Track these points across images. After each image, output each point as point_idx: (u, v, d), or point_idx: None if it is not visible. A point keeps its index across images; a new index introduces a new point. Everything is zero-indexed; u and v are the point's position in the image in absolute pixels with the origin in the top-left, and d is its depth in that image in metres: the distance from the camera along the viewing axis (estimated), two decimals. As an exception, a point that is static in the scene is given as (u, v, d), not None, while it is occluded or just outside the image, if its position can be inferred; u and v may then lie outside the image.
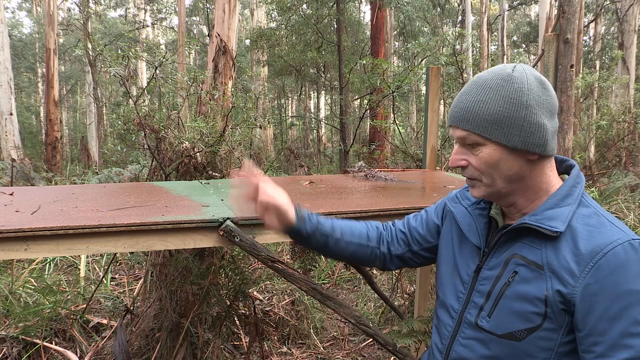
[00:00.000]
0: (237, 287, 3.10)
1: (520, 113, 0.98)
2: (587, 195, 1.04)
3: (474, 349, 1.07)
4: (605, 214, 1.01)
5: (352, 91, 11.24)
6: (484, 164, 1.03)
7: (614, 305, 0.90)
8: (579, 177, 1.06)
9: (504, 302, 1.02)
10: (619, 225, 0.98)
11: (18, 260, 4.80)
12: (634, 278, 0.90)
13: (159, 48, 20.82)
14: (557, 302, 0.96)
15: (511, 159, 1.01)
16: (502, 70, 1.02)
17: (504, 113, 0.99)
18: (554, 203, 1.02)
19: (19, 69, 25.45)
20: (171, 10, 22.62)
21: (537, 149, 1.00)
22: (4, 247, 1.46)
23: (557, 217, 0.99)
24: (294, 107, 26.35)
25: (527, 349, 1.00)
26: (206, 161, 3.20)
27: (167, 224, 1.60)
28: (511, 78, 1.00)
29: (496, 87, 1.00)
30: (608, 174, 8.10)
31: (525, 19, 25.43)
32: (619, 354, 0.90)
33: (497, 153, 1.01)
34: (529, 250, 1.02)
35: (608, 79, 9.85)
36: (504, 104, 0.99)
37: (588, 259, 0.93)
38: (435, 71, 2.70)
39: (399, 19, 16.74)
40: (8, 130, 10.72)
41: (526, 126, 0.99)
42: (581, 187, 1.04)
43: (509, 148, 1.00)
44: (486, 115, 1.00)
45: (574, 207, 1.00)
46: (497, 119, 0.99)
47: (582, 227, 0.98)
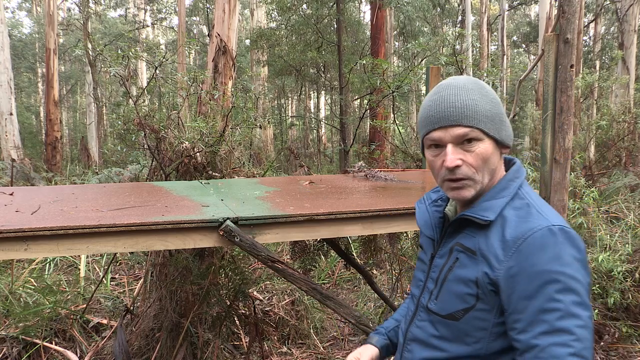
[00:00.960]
0: (237, 287, 3.10)
1: (501, 110, 1.12)
2: (526, 188, 1.14)
3: (425, 330, 1.18)
4: (537, 205, 1.08)
5: (352, 91, 11.23)
6: (480, 159, 1.09)
7: (531, 284, 0.99)
8: (518, 172, 1.15)
9: (447, 286, 1.13)
10: (545, 213, 1.06)
11: (18, 260, 4.80)
12: (549, 259, 0.98)
13: (159, 48, 20.82)
14: (486, 284, 1.05)
15: (496, 153, 1.12)
16: (465, 79, 1.13)
17: (493, 110, 1.10)
18: (491, 196, 1.11)
19: (19, 69, 25.44)
20: (171, 10, 22.62)
21: (511, 143, 1.14)
22: (4, 247, 1.46)
23: (491, 208, 1.09)
24: (294, 107, 26.34)
25: (465, 328, 1.10)
26: (206, 161, 3.20)
27: (167, 224, 1.60)
28: (482, 83, 1.13)
29: (478, 90, 1.10)
30: (608, 174, 8.09)
31: (525, 19, 25.43)
32: (536, 328, 0.98)
33: (490, 147, 1.10)
34: (467, 238, 1.12)
35: (608, 79, 9.83)
36: (490, 103, 1.10)
37: (512, 244, 1.03)
38: (435, 71, 2.70)
39: (399, 19, 16.74)
40: (8, 130, 10.72)
41: (506, 121, 1.13)
42: (519, 181, 1.13)
43: (498, 142, 1.11)
44: (484, 112, 1.08)
45: (508, 199, 1.10)
46: (491, 115, 1.09)
47: (512, 217, 1.07)
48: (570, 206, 4.55)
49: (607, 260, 3.83)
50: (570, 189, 4.57)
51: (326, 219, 1.81)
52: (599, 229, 4.63)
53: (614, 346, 3.55)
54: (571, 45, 1.98)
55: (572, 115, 2.03)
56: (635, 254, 4.05)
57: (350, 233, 1.97)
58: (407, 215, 1.92)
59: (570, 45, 1.98)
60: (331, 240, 3.06)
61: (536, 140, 10.46)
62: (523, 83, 3.21)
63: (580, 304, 0.97)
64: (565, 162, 2.05)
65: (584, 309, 0.98)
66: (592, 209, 4.71)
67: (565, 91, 2.00)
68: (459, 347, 1.11)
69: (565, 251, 0.99)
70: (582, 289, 0.98)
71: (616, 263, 3.80)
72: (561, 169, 2.05)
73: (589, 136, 8.68)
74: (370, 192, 2.35)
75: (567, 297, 0.97)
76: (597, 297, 3.89)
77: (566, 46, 1.98)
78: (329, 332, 3.85)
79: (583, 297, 0.98)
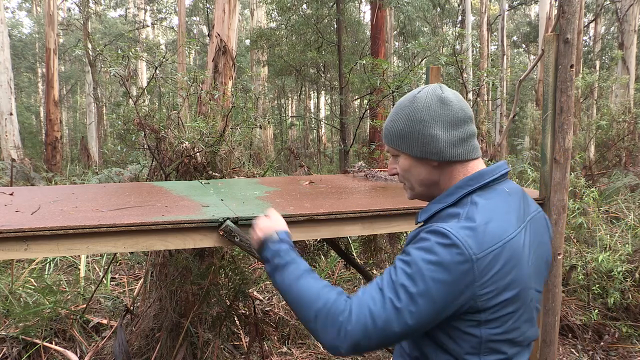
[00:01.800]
0: (237, 287, 3.10)
1: (416, 127, 1.18)
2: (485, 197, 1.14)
3: None
4: (465, 214, 1.10)
5: (352, 91, 11.24)
6: (402, 171, 1.25)
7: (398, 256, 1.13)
8: (471, 181, 1.17)
9: None
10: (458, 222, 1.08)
11: (18, 260, 4.80)
12: (419, 247, 1.07)
13: (159, 48, 20.82)
14: None
15: (419, 165, 1.21)
16: (412, 93, 1.22)
17: (405, 129, 1.20)
18: (437, 200, 1.21)
19: (19, 69, 25.44)
20: (171, 10, 22.62)
21: (433, 157, 1.18)
22: (4, 247, 1.46)
23: (427, 211, 1.21)
24: (294, 107, 26.35)
25: None
26: (206, 161, 3.20)
27: (167, 224, 1.60)
28: (414, 99, 1.20)
29: (403, 108, 1.21)
30: (608, 174, 8.09)
31: (525, 19, 25.42)
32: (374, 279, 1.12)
33: (407, 162, 1.22)
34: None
35: (608, 79, 9.84)
36: (405, 121, 1.20)
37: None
38: (435, 71, 2.70)
39: (399, 19, 16.74)
40: (8, 130, 10.72)
41: (421, 138, 1.18)
42: (471, 188, 1.16)
43: (413, 157, 1.21)
44: (396, 132, 1.22)
45: (447, 204, 1.17)
46: (402, 134, 1.20)
47: (436, 220, 1.16)
48: (570, 206, 4.55)
49: (607, 260, 3.83)
50: (570, 189, 4.57)
51: (326, 219, 1.81)
52: (599, 229, 4.63)
53: (614, 346, 3.55)
54: (571, 45, 1.98)
55: (572, 115, 2.03)
56: (635, 254, 4.05)
57: (350, 233, 1.97)
58: (407, 215, 1.92)
59: (570, 45, 1.98)
60: (331, 240, 3.07)
61: (536, 140, 10.46)
62: (523, 83, 3.21)
63: (407, 289, 1.03)
64: (565, 162, 2.05)
65: (406, 297, 1.03)
66: (592, 209, 4.71)
67: (565, 91, 2.00)
68: None
69: (433, 250, 1.04)
70: (420, 282, 1.03)
71: (616, 263, 3.80)
72: (561, 169, 2.05)
73: (589, 136, 8.68)
74: (370, 192, 2.35)
75: (403, 274, 1.05)
76: (597, 297, 3.89)
77: (566, 46, 1.98)
78: (329, 332, 3.85)
79: (415, 289, 1.02)
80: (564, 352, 3.53)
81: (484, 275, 1.03)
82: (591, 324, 3.70)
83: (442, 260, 1.02)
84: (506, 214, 1.12)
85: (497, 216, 1.10)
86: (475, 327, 1.07)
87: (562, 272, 2.45)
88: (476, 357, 1.09)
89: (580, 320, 3.71)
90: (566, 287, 4.02)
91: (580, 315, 3.76)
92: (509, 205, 1.14)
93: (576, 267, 4.02)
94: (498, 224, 1.08)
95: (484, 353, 1.09)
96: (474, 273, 1.02)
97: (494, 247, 1.05)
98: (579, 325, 3.69)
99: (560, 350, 3.54)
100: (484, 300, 1.04)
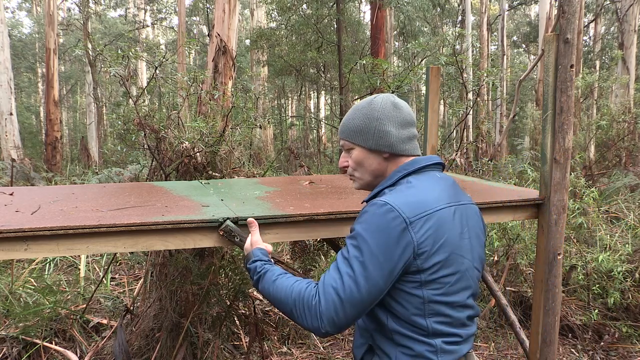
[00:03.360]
0: (237, 287, 3.10)
1: (372, 124, 1.40)
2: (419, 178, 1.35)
3: None
4: (399, 189, 1.31)
5: (352, 91, 11.24)
6: (355, 162, 1.44)
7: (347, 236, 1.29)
8: (408, 165, 1.38)
9: None
10: (395, 194, 1.28)
11: (18, 260, 4.80)
12: (360, 220, 1.26)
13: (159, 48, 20.82)
14: None
15: (371, 157, 1.41)
16: (369, 98, 1.45)
17: (362, 125, 1.41)
18: (377, 186, 1.41)
19: (19, 69, 25.43)
20: (171, 10, 22.61)
21: (386, 149, 1.39)
22: (4, 247, 1.46)
23: (370, 194, 1.42)
24: (294, 107, 26.34)
25: None
26: (206, 161, 3.20)
27: (167, 224, 1.60)
28: (372, 102, 1.42)
29: (361, 109, 1.43)
30: (608, 174, 8.09)
31: (525, 19, 25.42)
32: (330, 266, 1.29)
33: (362, 154, 1.42)
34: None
35: (608, 79, 9.84)
36: (363, 119, 1.41)
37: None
38: (435, 71, 2.70)
39: (399, 19, 16.73)
40: (8, 130, 10.72)
41: (376, 133, 1.39)
42: (405, 172, 1.36)
43: (367, 149, 1.41)
44: (353, 127, 1.42)
45: (384, 187, 1.37)
46: (359, 129, 1.41)
47: (377, 199, 1.30)
48: (570, 206, 4.55)
49: (607, 260, 3.83)
50: (570, 189, 4.57)
51: (326, 219, 1.81)
52: (599, 229, 4.63)
53: (614, 346, 3.55)
54: (571, 45, 1.98)
55: (572, 115, 2.03)
56: (635, 254, 4.05)
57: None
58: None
59: (570, 45, 1.98)
60: (331, 240, 3.06)
61: (536, 140, 10.46)
62: (523, 83, 3.21)
63: (358, 260, 1.21)
64: (565, 162, 2.04)
65: (359, 265, 1.20)
66: (592, 209, 4.71)
67: (565, 91, 2.00)
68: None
69: (373, 219, 1.23)
70: (366, 250, 1.20)
71: (616, 263, 3.80)
72: (561, 169, 2.05)
73: (589, 136, 8.68)
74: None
75: (353, 251, 1.23)
76: (597, 297, 3.89)
77: (566, 46, 1.98)
78: (329, 332, 3.85)
79: (364, 256, 1.20)
80: (564, 352, 3.53)
81: (419, 236, 1.21)
82: (591, 324, 3.70)
83: (380, 224, 1.21)
84: (435, 191, 1.32)
85: (427, 191, 1.30)
86: (418, 288, 1.24)
87: (562, 272, 2.45)
88: (422, 319, 1.26)
89: (580, 320, 3.71)
90: (566, 287, 4.02)
91: (580, 315, 3.76)
92: (439, 185, 1.35)
93: (576, 267, 4.02)
94: (428, 196, 1.29)
95: (428, 315, 1.26)
96: (410, 233, 1.20)
97: (425, 213, 1.24)
98: (579, 325, 3.69)
99: (560, 350, 3.54)
100: (422, 259, 1.22)
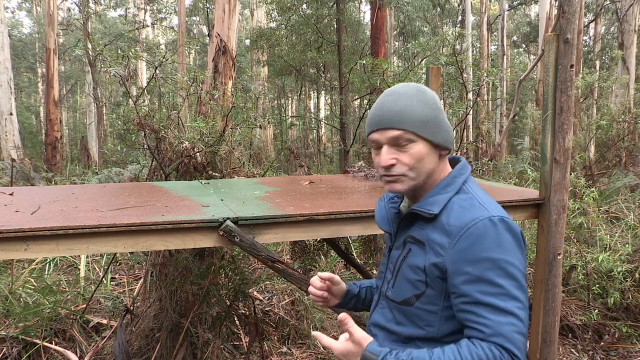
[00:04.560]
0: (237, 287, 3.10)
1: (439, 115, 1.20)
2: (471, 183, 1.23)
3: (384, 315, 1.29)
4: (480, 198, 1.18)
5: (352, 91, 11.23)
6: (414, 159, 1.18)
7: (475, 270, 1.09)
8: (463, 170, 1.24)
9: (400, 274, 1.24)
10: (487, 205, 1.15)
11: (18, 260, 4.79)
12: (489, 247, 1.08)
13: (159, 48, 20.82)
14: (432, 271, 1.15)
15: (433, 154, 1.20)
16: (411, 85, 1.22)
17: (429, 115, 1.18)
18: (436, 191, 1.21)
19: (19, 69, 25.43)
20: (171, 10, 22.61)
21: (450, 145, 1.22)
22: (4, 247, 1.46)
23: (435, 203, 1.18)
24: (294, 107, 26.34)
25: (417, 313, 1.20)
26: (206, 161, 3.20)
27: (167, 224, 1.60)
28: (423, 89, 1.21)
29: (416, 96, 1.19)
30: (608, 174, 8.09)
31: (525, 19, 25.41)
32: (481, 309, 1.08)
33: (425, 149, 1.18)
34: (417, 231, 1.21)
35: (608, 79, 9.84)
36: (427, 108, 1.18)
37: (456, 233, 1.12)
38: (435, 71, 2.70)
39: (399, 19, 16.73)
40: (8, 130, 10.71)
41: (444, 126, 1.20)
42: (464, 177, 1.22)
43: (433, 144, 1.19)
44: (417, 117, 1.17)
45: (452, 193, 1.19)
46: (425, 120, 1.17)
47: (456, 209, 1.16)
48: (570, 206, 4.55)
49: (607, 260, 3.83)
50: (570, 189, 4.57)
51: (326, 219, 1.81)
52: (599, 229, 4.63)
53: (614, 346, 3.55)
54: (571, 45, 1.98)
55: (572, 115, 2.03)
56: (635, 254, 4.05)
57: (350, 233, 1.97)
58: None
59: (570, 45, 1.97)
60: (331, 240, 3.07)
61: (536, 140, 10.46)
62: (523, 83, 3.21)
63: (519, 287, 1.08)
64: (565, 162, 2.04)
65: (521, 292, 1.08)
66: (592, 209, 4.71)
67: (565, 91, 2.00)
68: (414, 330, 1.21)
69: (505, 239, 1.10)
70: (519, 273, 1.09)
71: (616, 263, 3.80)
72: (561, 169, 2.05)
73: (589, 136, 8.68)
74: (370, 192, 2.35)
75: (508, 282, 1.07)
76: (597, 297, 3.89)
77: (566, 46, 1.98)
78: (329, 332, 3.85)
79: (521, 281, 1.09)
80: (564, 352, 3.52)
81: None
82: (591, 324, 3.70)
83: (512, 241, 1.11)
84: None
85: (489, 195, 1.22)
86: None
87: (562, 272, 2.45)
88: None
89: (580, 320, 3.71)
90: (566, 287, 4.02)
91: (580, 315, 3.76)
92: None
93: (576, 267, 4.02)
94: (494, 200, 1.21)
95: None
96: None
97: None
98: (579, 325, 3.69)
99: (560, 350, 3.54)
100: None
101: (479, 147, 12.93)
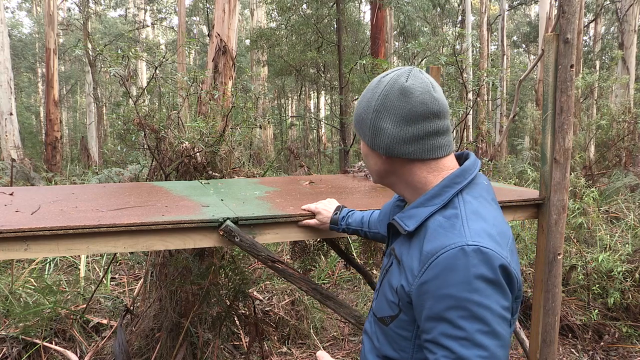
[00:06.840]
0: (237, 287, 3.10)
1: (370, 116, 1.07)
2: (472, 192, 1.05)
3: (371, 325, 1.18)
4: (465, 217, 0.99)
5: (352, 91, 11.23)
6: (363, 155, 1.15)
7: (438, 306, 0.93)
8: (458, 178, 1.05)
9: (382, 288, 1.13)
10: (470, 228, 0.96)
11: (18, 260, 4.80)
12: (455, 283, 0.92)
13: (159, 48, 20.82)
14: (403, 295, 1.02)
15: (373, 155, 1.11)
16: (382, 75, 1.10)
17: (362, 115, 1.10)
18: (420, 202, 1.05)
19: (19, 69, 25.44)
20: (171, 10, 22.62)
21: (380, 150, 1.07)
22: (4, 247, 1.46)
23: (414, 216, 1.04)
24: (294, 107, 26.35)
25: (392, 335, 1.08)
26: (206, 161, 3.20)
27: (167, 224, 1.60)
28: (379, 83, 1.08)
29: (368, 90, 1.10)
30: (608, 174, 8.09)
31: (525, 19, 25.42)
32: (439, 351, 0.93)
33: (365, 148, 1.14)
34: (400, 244, 1.09)
35: (608, 79, 9.83)
36: (364, 107, 1.09)
37: (425, 259, 0.97)
38: (435, 71, 2.70)
39: (399, 19, 16.74)
40: (8, 130, 10.71)
41: (372, 128, 1.07)
42: (459, 186, 1.04)
43: (367, 144, 1.11)
44: (356, 115, 1.13)
45: (438, 207, 1.02)
46: (359, 119, 1.11)
47: (434, 228, 1.00)
48: (570, 206, 4.55)
49: (607, 260, 3.84)
50: (570, 189, 4.57)
51: (326, 219, 1.81)
52: (599, 229, 4.63)
53: (614, 346, 3.55)
54: (571, 45, 1.98)
55: (572, 115, 2.03)
56: (635, 254, 4.05)
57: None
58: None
59: (570, 45, 1.98)
60: (331, 240, 3.06)
61: (536, 140, 10.46)
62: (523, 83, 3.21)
63: (487, 332, 0.91)
64: (565, 162, 2.04)
65: (490, 338, 0.91)
66: (592, 209, 4.71)
67: (565, 91, 2.00)
68: (390, 351, 1.10)
69: (476, 275, 0.91)
70: (490, 316, 0.91)
71: (616, 263, 3.80)
72: (561, 169, 2.05)
73: (589, 136, 8.68)
74: (370, 192, 2.35)
75: (472, 326, 0.90)
76: (597, 297, 3.89)
77: (566, 46, 1.98)
78: (329, 332, 3.85)
79: (492, 325, 0.91)
80: (564, 352, 3.53)
81: (517, 271, 0.98)
82: (591, 324, 3.70)
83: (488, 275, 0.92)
84: (496, 210, 1.06)
85: (493, 211, 1.04)
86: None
87: (562, 272, 2.45)
88: None
89: (580, 320, 3.71)
90: (566, 287, 4.02)
91: (580, 315, 3.76)
92: (492, 197, 1.08)
93: (576, 267, 4.02)
94: (498, 217, 1.03)
95: None
96: (513, 271, 0.95)
97: (509, 241, 1.00)
98: (579, 325, 3.69)
99: (560, 350, 3.54)
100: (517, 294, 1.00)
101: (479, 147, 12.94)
